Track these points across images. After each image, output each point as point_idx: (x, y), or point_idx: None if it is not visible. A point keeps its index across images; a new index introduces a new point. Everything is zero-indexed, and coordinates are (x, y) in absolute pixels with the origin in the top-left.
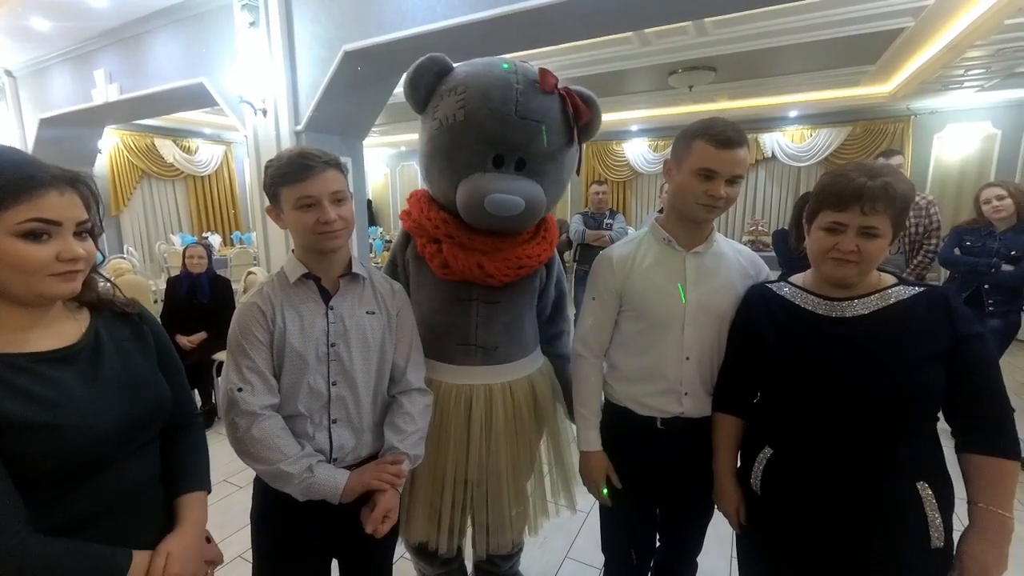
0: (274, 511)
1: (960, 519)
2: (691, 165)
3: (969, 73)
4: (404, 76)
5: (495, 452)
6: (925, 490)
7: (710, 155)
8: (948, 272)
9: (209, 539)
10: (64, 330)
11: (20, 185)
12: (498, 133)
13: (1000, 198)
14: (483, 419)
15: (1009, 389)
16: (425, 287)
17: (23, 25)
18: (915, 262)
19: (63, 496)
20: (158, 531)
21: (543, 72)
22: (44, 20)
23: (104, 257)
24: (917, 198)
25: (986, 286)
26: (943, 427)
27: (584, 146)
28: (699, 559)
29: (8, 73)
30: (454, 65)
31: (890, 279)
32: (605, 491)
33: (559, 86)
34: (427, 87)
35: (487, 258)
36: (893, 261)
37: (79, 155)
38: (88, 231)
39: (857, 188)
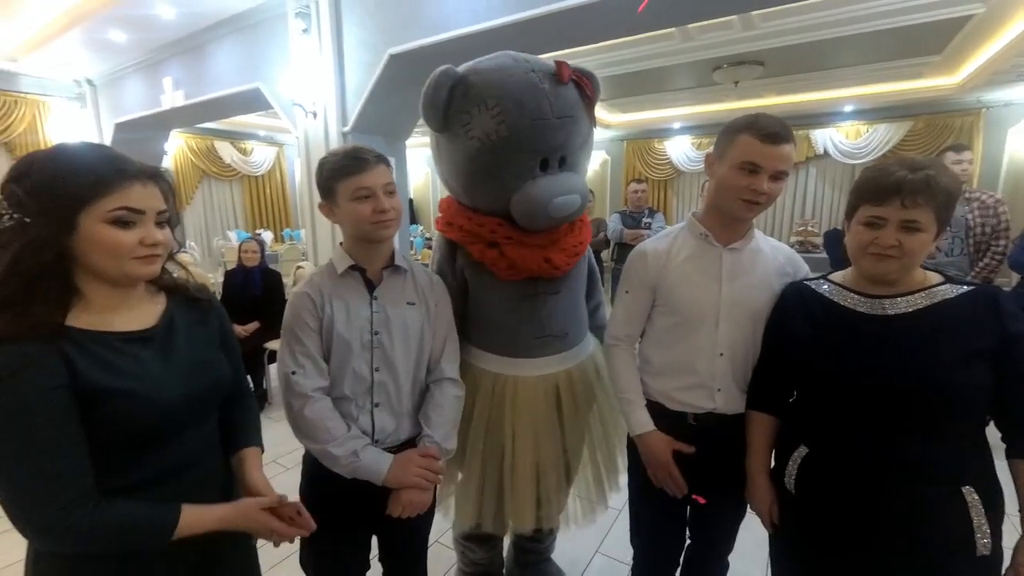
0: (320, 487)
1: (1017, 528)
2: (734, 159)
3: None
4: (422, 96)
5: (579, 430)
6: (972, 495)
7: (755, 149)
8: (1019, 277)
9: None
10: (145, 311)
11: (112, 177)
12: (541, 139)
13: None
14: (571, 402)
15: None
16: (489, 290)
17: (103, 38)
18: (981, 264)
19: (136, 458)
20: (216, 493)
21: (559, 64)
22: (121, 32)
23: (181, 246)
24: (984, 196)
25: None
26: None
27: (625, 143)
28: (734, 563)
29: (89, 82)
30: (460, 71)
31: (937, 277)
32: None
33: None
34: (445, 103)
35: (549, 251)
36: (956, 263)
37: (148, 157)
38: (166, 221)
39: (897, 181)
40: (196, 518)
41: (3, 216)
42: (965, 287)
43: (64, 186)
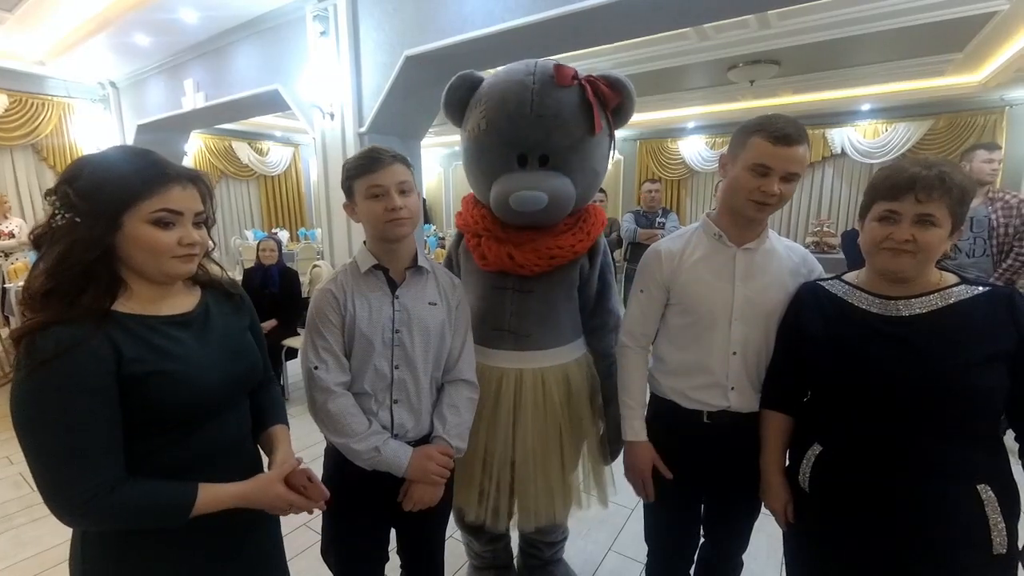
0: (342, 478)
1: None
2: (746, 160)
3: None
4: (443, 96)
5: (522, 434)
6: (987, 492)
7: (766, 151)
8: None
9: (311, 478)
10: (182, 302)
11: (153, 181)
12: (515, 134)
13: None
14: (511, 401)
15: None
16: (471, 277)
17: (127, 42)
18: (1004, 266)
19: (179, 440)
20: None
21: (558, 67)
22: (145, 36)
23: (215, 245)
24: (1008, 196)
25: None
26: None
27: (638, 143)
28: (749, 563)
29: (112, 84)
30: (478, 76)
31: (952, 278)
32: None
33: (581, 77)
34: (461, 103)
35: (517, 249)
36: (979, 264)
37: (168, 157)
38: (203, 222)
39: (911, 177)
40: (213, 495)
41: (56, 215)
42: (980, 288)
43: (111, 188)
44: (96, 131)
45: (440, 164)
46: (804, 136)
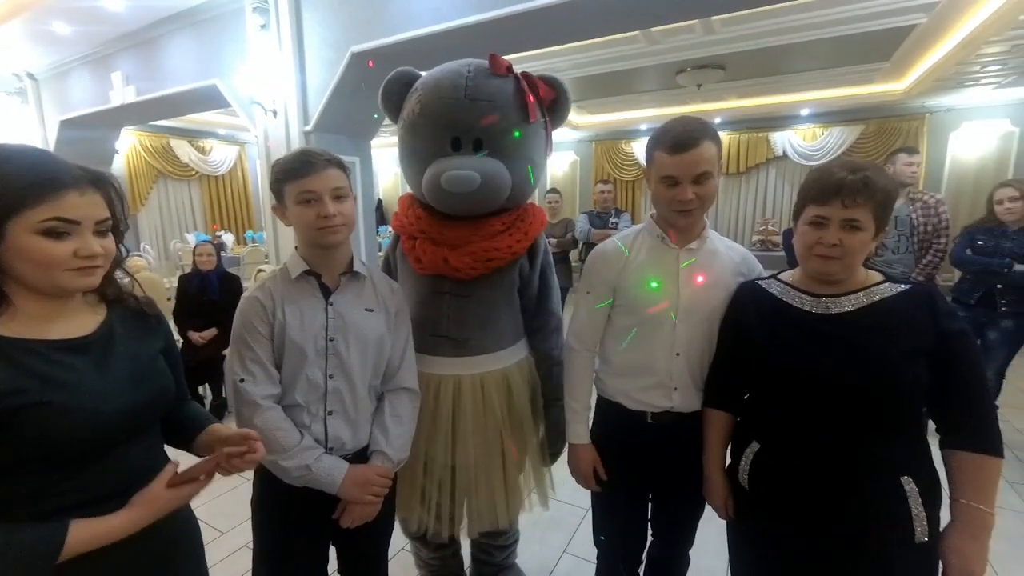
0: (272, 497)
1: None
2: (656, 174)
3: (985, 70)
4: (379, 92)
5: (462, 442)
6: (909, 484)
7: (667, 163)
8: (960, 272)
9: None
10: (82, 322)
11: (43, 186)
12: (449, 116)
13: (1013, 199)
14: (450, 409)
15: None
16: (408, 281)
17: (45, 30)
18: (924, 262)
19: (72, 477)
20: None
21: (492, 56)
22: (65, 24)
23: (128, 252)
24: (925, 197)
25: (999, 286)
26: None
27: (593, 144)
28: (697, 556)
29: (31, 76)
30: (415, 72)
31: (877, 277)
32: None
33: (515, 71)
34: (398, 97)
35: (453, 252)
36: (903, 260)
37: (98, 155)
38: (111, 229)
39: (838, 182)
40: (91, 533)
41: None
42: (903, 286)
43: None
44: (12, 126)
45: (396, 165)
46: (703, 136)
